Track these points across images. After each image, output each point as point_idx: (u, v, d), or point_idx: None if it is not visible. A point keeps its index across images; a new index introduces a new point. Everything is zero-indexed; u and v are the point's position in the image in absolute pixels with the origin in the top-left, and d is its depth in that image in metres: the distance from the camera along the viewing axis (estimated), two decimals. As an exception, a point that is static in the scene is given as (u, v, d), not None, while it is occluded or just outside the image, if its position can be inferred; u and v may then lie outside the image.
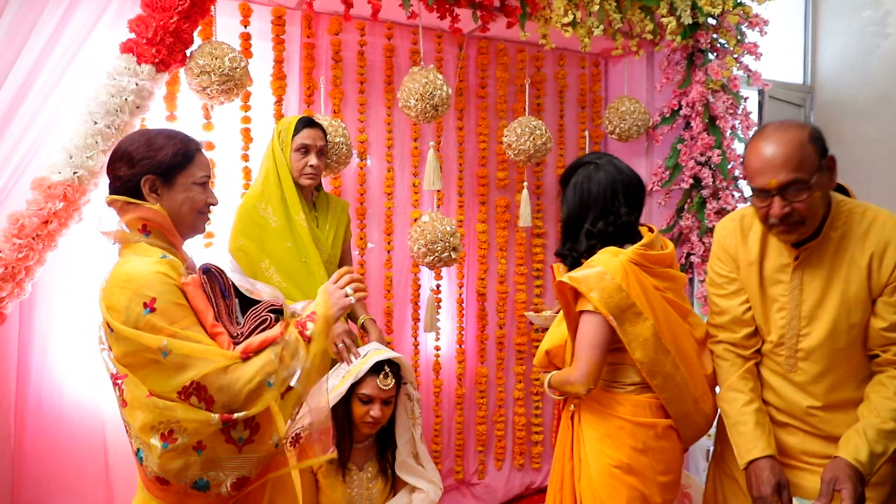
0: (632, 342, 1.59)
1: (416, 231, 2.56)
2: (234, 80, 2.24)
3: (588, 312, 1.61)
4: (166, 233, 1.35)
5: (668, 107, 3.01)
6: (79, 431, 2.31)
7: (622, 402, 1.66)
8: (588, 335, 1.60)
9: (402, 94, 2.49)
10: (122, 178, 1.34)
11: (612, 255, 1.62)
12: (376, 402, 1.93)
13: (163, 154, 1.34)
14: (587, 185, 1.68)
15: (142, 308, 1.22)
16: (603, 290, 1.57)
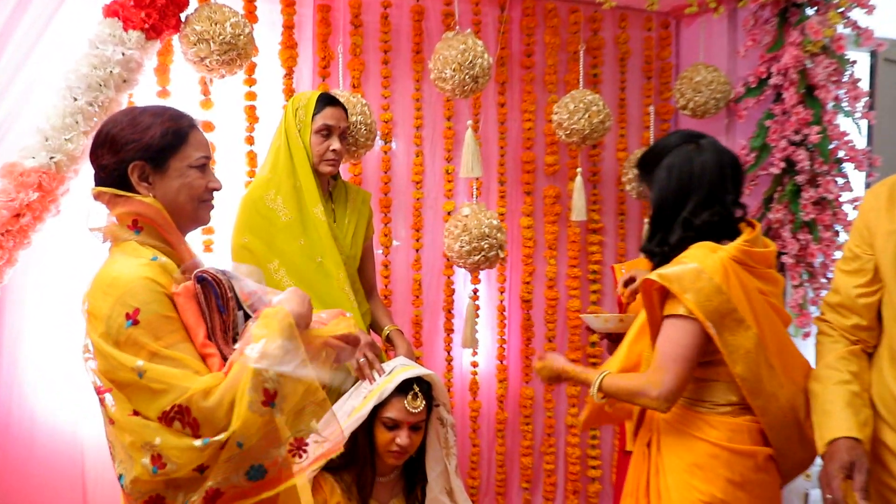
0: (732, 354, 1.58)
1: (455, 226, 2.54)
2: (236, 49, 2.24)
3: (678, 317, 1.60)
4: (160, 229, 1.34)
5: (753, 75, 2.96)
6: (54, 461, 2.32)
7: (715, 425, 1.65)
8: (677, 344, 1.59)
9: (436, 64, 2.49)
10: (107, 166, 1.33)
11: (709, 251, 1.60)
12: (403, 427, 1.92)
13: (150, 135, 1.33)
14: (688, 167, 1.67)
15: (124, 319, 1.22)
16: (699, 291, 1.56)
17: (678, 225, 1.66)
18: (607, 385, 1.68)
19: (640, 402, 1.64)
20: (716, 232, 1.65)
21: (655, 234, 1.70)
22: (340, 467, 1.94)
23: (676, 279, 1.57)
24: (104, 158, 1.33)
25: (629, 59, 3.13)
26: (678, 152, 1.69)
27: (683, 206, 1.66)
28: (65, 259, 2.33)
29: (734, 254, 1.60)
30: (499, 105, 2.96)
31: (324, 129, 2.16)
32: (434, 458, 2.03)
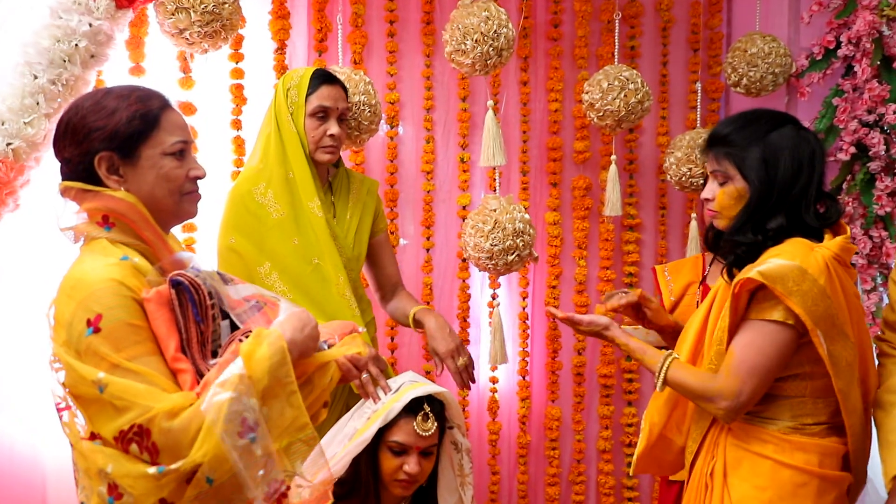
0: (836, 366, 1.61)
1: (484, 221, 2.49)
2: (220, 19, 2.24)
3: (771, 323, 1.62)
4: (133, 225, 1.35)
5: (819, 45, 2.94)
6: (13, 487, 2.32)
7: (806, 447, 1.66)
8: (762, 354, 1.61)
9: (454, 35, 2.47)
10: (71, 159, 1.35)
11: (807, 249, 1.62)
12: (412, 452, 1.91)
13: (115, 121, 1.33)
14: (805, 150, 1.69)
15: (84, 326, 1.24)
16: (806, 294, 1.57)
17: (782, 214, 1.66)
18: (672, 376, 1.70)
19: (703, 405, 1.67)
20: (816, 228, 1.68)
21: (747, 223, 1.68)
22: (341, 497, 1.94)
23: (780, 278, 1.57)
24: (67, 150, 1.34)
25: (672, 28, 3.11)
26: (786, 132, 1.69)
27: (791, 193, 1.67)
28: (25, 259, 2.34)
29: (837, 252, 1.62)
30: (521, 83, 2.96)
31: (319, 111, 2.15)
32: (447, 487, 2.03)
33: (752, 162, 1.67)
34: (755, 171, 1.67)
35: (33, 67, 2.03)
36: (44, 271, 2.32)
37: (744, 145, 1.69)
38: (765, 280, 1.57)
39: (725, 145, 1.72)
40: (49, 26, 2.05)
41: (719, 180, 1.73)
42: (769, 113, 1.77)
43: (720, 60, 3.12)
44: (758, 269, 1.59)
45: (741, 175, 1.69)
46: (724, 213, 1.73)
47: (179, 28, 2.21)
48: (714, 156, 1.74)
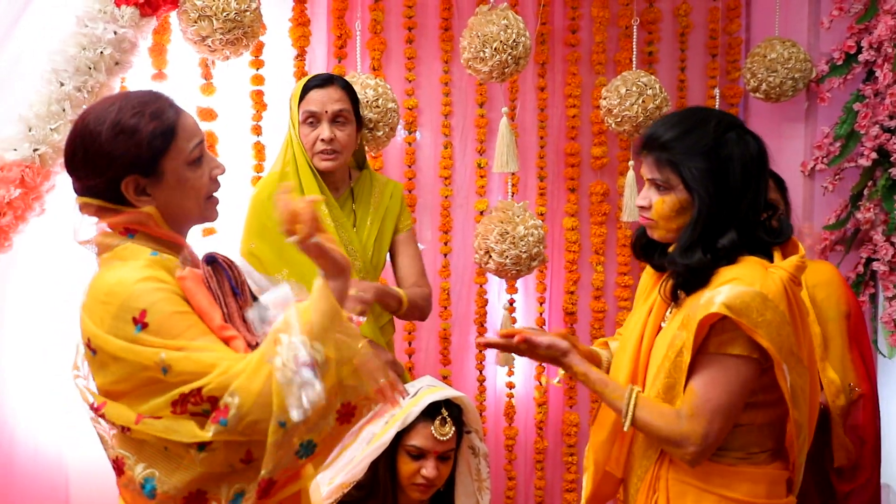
0: (796, 397, 1.53)
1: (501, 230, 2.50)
2: (242, 26, 2.26)
3: (733, 357, 1.50)
4: (153, 233, 1.36)
5: (840, 50, 2.94)
6: (36, 486, 2.34)
7: (753, 477, 1.57)
8: (727, 391, 1.50)
9: (472, 43, 2.49)
10: (95, 187, 1.32)
11: (763, 270, 1.51)
12: (430, 457, 1.91)
13: (136, 143, 1.29)
14: (749, 154, 1.56)
15: (132, 326, 1.24)
16: (770, 324, 1.46)
17: (733, 230, 1.53)
18: (640, 415, 1.54)
19: (669, 449, 1.55)
20: (766, 244, 1.57)
21: (696, 242, 1.53)
22: (359, 501, 1.93)
23: (745, 310, 1.44)
24: (89, 179, 1.31)
25: (690, 33, 3.10)
26: (733, 138, 1.56)
27: (741, 207, 1.54)
28: (51, 264, 2.35)
29: (793, 273, 1.51)
30: (538, 89, 2.95)
31: (308, 118, 2.16)
32: (465, 492, 2.02)
33: (698, 173, 1.52)
34: (702, 183, 1.52)
35: (60, 75, 2.06)
36: (69, 275, 2.35)
37: (688, 153, 1.54)
38: (731, 314, 1.45)
39: (666, 151, 1.56)
40: (75, 34, 2.08)
41: (658, 189, 1.58)
42: (712, 115, 1.63)
43: (739, 66, 3.10)
44: (722, 302, 1.45)
45: (684, 186, 1.54)
46: (663, 223, 1.58)
47: (202, 35, 2.23)
48: (654, 162, 1.57)
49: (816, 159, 2.99)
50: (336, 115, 2.17)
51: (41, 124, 2.04)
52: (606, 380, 1.62)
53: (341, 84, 2.21)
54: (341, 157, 2.19)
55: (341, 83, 2.21)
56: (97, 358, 1.27)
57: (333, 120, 2.16)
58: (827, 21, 2.92)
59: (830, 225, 2.97)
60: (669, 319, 1.63)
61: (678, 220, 1.56)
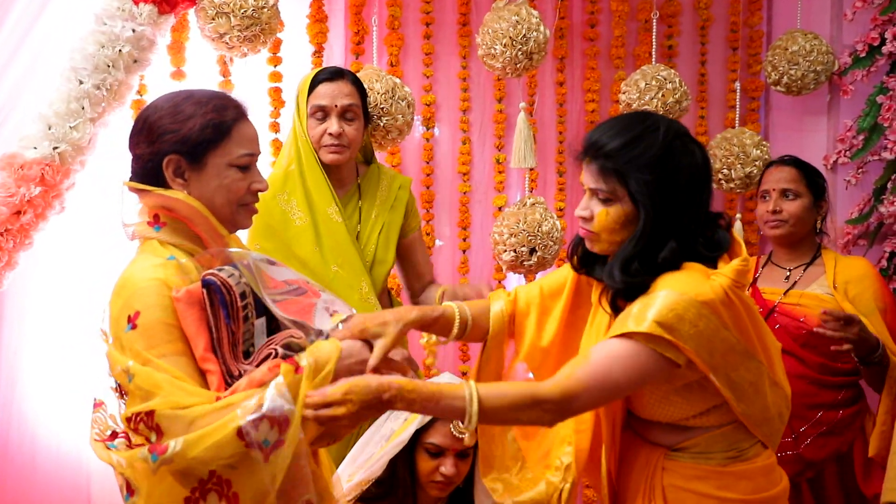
0: (736, 391, 1.52)
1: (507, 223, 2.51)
2: (259, 23, 2.26)
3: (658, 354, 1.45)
4: (189, 224, 1.37)
5: (863, 42, 2.92)
6: (57, 487, 2.34)
7: (749, 474, 1.56)
8: (627, 374, 1.45)
9: (484, 39, 2.50)
10: (142, 156, 1.38)
11: (703, 277, 1.46)
12: (449, 454, 1.90)
13: (189, 127, 1.36)
14: (694, 162, 1.50)
15: (126, 322, 1.28)
16: (701, 334, 1.43)
17: (673, 240, 1.47)
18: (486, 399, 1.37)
19: (523, 415, 1.42)
20: (702, 254, 1.51)
21: (635, 256, 1.47)
22: (378, 498, 1.93)
23: (677, 325, 1.39)
24: (140, 147, 1.38)
25: (711, 26, 3.08)
26: (678, 147, 1.49)
27: (684, 216, 1.48)
28: (71, 261, 2.36)
29: (734, 279, 1.46)
30: (557, 84, 2.94)
31: (317, 112, 2.13)
32: (483, 489, 1.95)
33: (644, 186, 1.45)
34: (649, 195, 1.46)
35: (79, 73, 2.06)
36: (89, 273, 2.36)
37: (635, 164, 1.46)
38: (663, 333, 1.39)
39: (611, 160, 1.48)
40: (94, 32, 2.08)
41: (600, 197, 1.50)
42: (658, 122, 1.53)
43: (760, 59, 3.08)
44: (653, 320, 1.39)
45: (629, 197, 1.47)
46: (605, 236, 1.51)
47: (220, 32, 2.23)
48: (598, 171, 1.49)
49: (839, 153, 2.98)
50: (345, 109, 2.14)
51: (61, 122, 2.05)
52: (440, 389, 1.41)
53: (351, 78, 2.18)
54: (348, 151, 2.16)
55: (351, 77, 2.19)
56: None
57: (342, 115, 2.13)
58: (850, 12, 2.90)
59: (853, 219, 2.94)
60: (594, 318, 1.61)
61: (622, 233, 1.50)
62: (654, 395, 1.52)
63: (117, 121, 2.21)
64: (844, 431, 2.21)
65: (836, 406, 2.20)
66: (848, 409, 2.23)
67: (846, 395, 2.23)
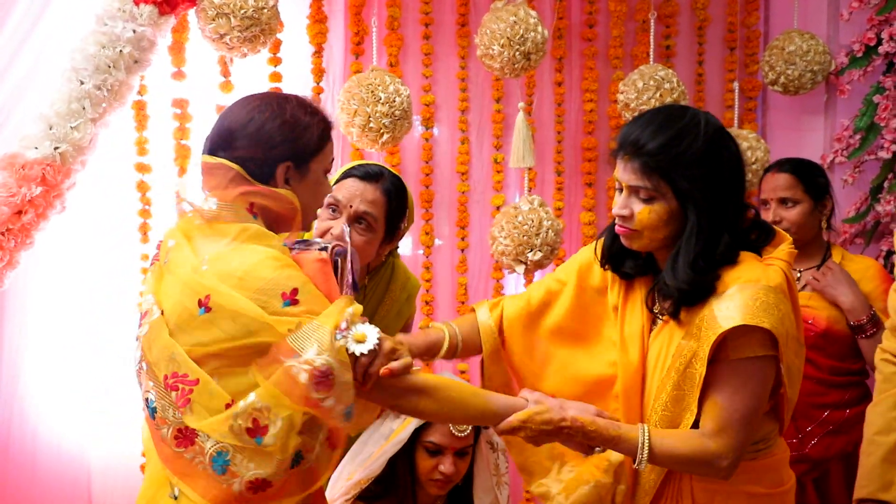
0: (790, 376, 1.52)
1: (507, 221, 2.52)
2: (259, 24, 2.26)
3: (754, 360, 1.45)
4: (279, 222, 1.41)
5: (859, 42, 2.92)
6: (58, 485, 2.35)
7: (774, 466, 1.58)
8: (754, 396, 1.46)
9: (483, 39, 2.50)
10: (251, 160, 1.36)
11: (760, 264, 1.49)
12: (448, 453, 1.89)
13: (308, 136, 1.40)
14: (733, 155, 1.51)
15: (279, 301, 1.28)
16: (784, 317, 1.44)
17: (726, 233, 1.47)
18: (659, 449, 1.43)
19: (700, 471, 1.49)
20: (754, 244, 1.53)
21: (699, 255, 1.45)
22: (378, 496, 1.93)
23: (766, 311, 1.40)
24: (247, 150, 1.35)
25: (708, 27, 3.08)
26: (716, 138, 1.49)
27: (730, 208, 1.49)
28: (72, 261, 2.37)
29: (789, 261, 1.49)
30: (555, 84, 2.93)
31: (331, 206, 1.86)
32: (483, 487, 2.01)
33: (693, 183, 1.45)
34: (698, 192, 1.45)
35: (80, 73, 2.06)
36: (91, 272, 2.37)
37: (680, 161, 1.45)
38: (754, 322, 1.39)
39: (654, 158, 1.46)
40: (95, 33, 2.08)
41: (642, 196, 1.48)
42: (695, 117, 1.51)
43: (757, 59, 3.09)
44: (742, 314, 1.40)
45: (674, 194, 1.46)
46: (647, 233, 1.49)
47: (220, 33, 2.23)
48: (641, 169, 1.47)
49: (836, 152, 2.97)
50: (360, 215, 1.84)
51: (62, 122, 2.05)
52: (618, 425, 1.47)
53: (385, 186, 1.88)
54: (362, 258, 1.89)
55: (386, 185, 1.88)
56: (207, 316, 1.27)
57: (355, 219, 1.85)
58: (846, 13, 2.90)
59: (850, 218, 2.94)
60: (660, 327, 1.57)
61: (666, 230, 1.49)
62: None
63: (118, 121, 2.21)
64: (850, 431, 2.21)
65: (843, 406, 2.21)
66: (854, 408, 2.23)
67: (853, 395, 2.24)
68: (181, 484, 1.32)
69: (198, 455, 1.29)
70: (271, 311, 1.26)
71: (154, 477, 1.39)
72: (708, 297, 1.45)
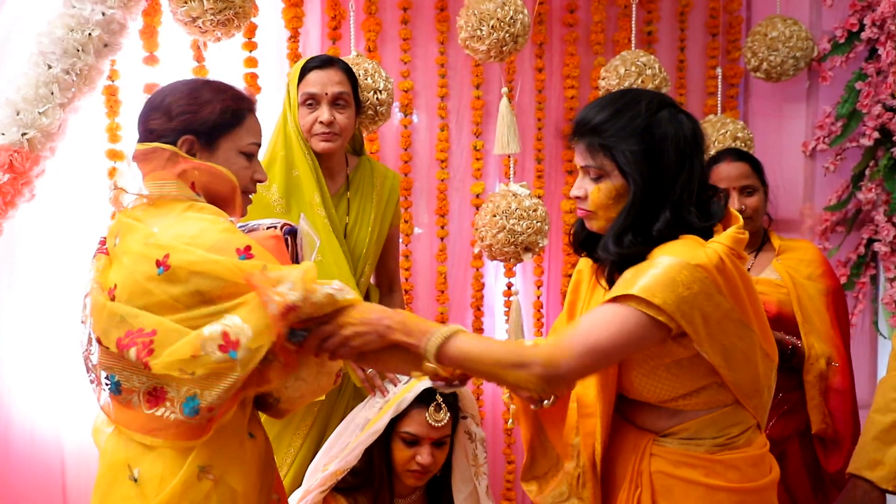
0: (729, 359, 1.52)
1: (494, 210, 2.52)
2: (233, 7, 2.24)
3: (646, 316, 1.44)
4: (217, 197, 1.46)
5: (842, 28, 2.93)
6: (32, 469, 2.35)
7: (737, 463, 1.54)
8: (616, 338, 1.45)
9: (469, 21, 2.49)
10: (155, 132, 1.44)
11: (698, 245, 1.46)
12: (425, 443, 1.92)
13: (208, 110, 1.44)
14: (683, 133, 1.49)
15: (235, 256, 1.34)
16: (697, 296, 1.43)
17: (668, 212, 1.46)
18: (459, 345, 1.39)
19: (508, 374, 1.40)
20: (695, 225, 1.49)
21: (628, 228, 1.46)
22: (354, 488, 1.95)
23: (670, 287, 1.38)
24: (155, 122, 1.44)
25: (690, 12, 3.09)
26: (665, 117, 1.49)
27: (674, 189, 1.47)
28: (41, 249, 2.36)
29: (731, 246, 1.46)
30: (536, 70, 2.93)
31: (308, 99, 2.13)
32: (462, 478, 2.03)
33: (631, 156, 1.46)
34: (636, 166, 1.46)
35: (47, 57, 2.03)
36: (66, 257, 2.35)
37: (621, 136, 1.47)
38: (652, 296, 1.38)
39: (598, 135, 1.48)
40: (62, 15, 2.05)
41: (592, 175, 1.50)
42: (643, 95, 1.54)
43: (739, 45, 3.09)
44: (644, 284, 1.39)
45: (619, 171, 1.47)
46: (601, 213, 1.51)
47: (192, 16, 2.20)
48: (586, 148, 1.50)
49: (818, 139, 2.99)
50: (336, 97, 2.14)
51: (29, 108, 2.02)
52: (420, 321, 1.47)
53: (342, 66, 2.19)
54: (340, 139, 2.16)
55: (342, 65, 2.20)
56: (165, 275, 1.31)
57: (333, 102, 2.13)
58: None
59: (832, 206, 2.97)
60: (591, 298, 1.63)
61: (616, 208, 1.49)
62: (643, 368, 1.51)
63: (89, 107, 2.19)
64: (803, 410, 2.23)
65: (796, 388, 2.22)
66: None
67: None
68: (143, 463, 1.36)
69: (169, 408, 1.34)
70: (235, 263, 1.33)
71: (111, 463, 1.41)
72: None
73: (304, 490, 1.93)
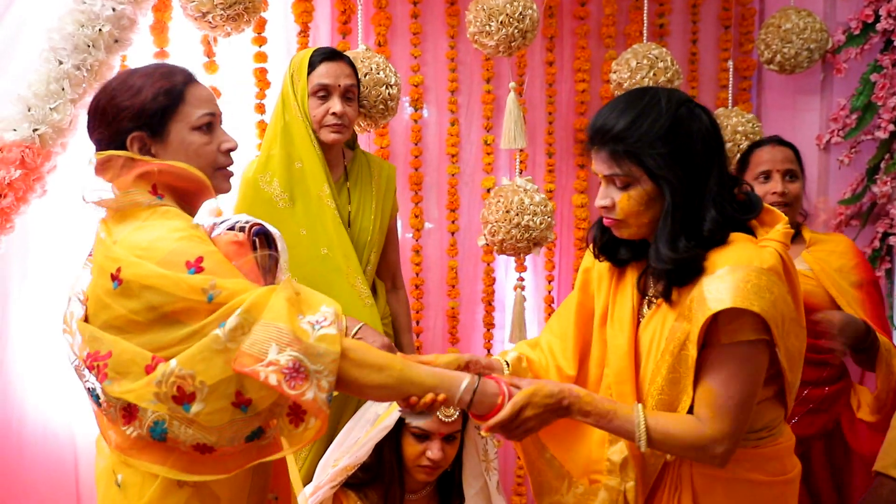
0: (790, 360, 1.50)
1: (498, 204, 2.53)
2: (243, 2, 2.26)
3: (747, 344, 1.42)
4: (183, 194, 1.38)
5: (857, 19, 2.93)
6: (46, 463, 2.36)
7: (777, 454, 1.56)
8: (748, 381, 1.44)
9: (478, 16, 2.50)
10: (102, 140, 1.37)
11: (755, 246, 1.46)
12: (435, 438, 1.90)
13: (141, 99, 1.35)
14: (703, 127, 1.48)
15: (183, 270, 1.26)
16: (777, 300, 1.41)
17: (710, 207, 1.45)
18: (654, 430, 1.43)
19: (694, 456, 1.48)
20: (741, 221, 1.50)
21: (679, 233, 1.44)
22: (365, 483, 1.95)
23: (756, 294, 1.36)
24: (98, 132, 1.37)
25: (702, 4, 3.08)
26: (684, 114, 1.47)
27: (709, 181, 1.46)
28: (53, 245, 2.37)
29: (784, 242, 1.46)
30: (546, 64, 2.93)
31: (320, 90, 2.14)
32: (472, 473, 2.02)
33: (661, 160, 1.43)
34: (669, 169, 1.44)
35: (58, 53, 2.04)
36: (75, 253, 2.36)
37: (646, 141, 1.44)
38: (744, 305, 1.36)
39: (621, 142, 1.46)
40: (73, 11, 2.06)
41: (618, 184, 1.48)
42: (658, 94, 1.50)
43: (752, 37, 3.08)
44: (731, 296, 1.37)
45: (648, 176, 1.45)
46: (632, 220, 1.49)
47: (202, 11, 2.22)
48: (610, 156, 1.47)
49: (832, 132, 2.98)
50: (347, 89, 2.16)
51: (40, 104, 2.03)
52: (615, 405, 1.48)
53: (347, 60, 2.21)
54: (348, 131, 2.18)
55: (347, 59, 2.22)
56: (120, 289, 1.25)
57: (344, 94, 2.15)
58: (844, -11, 2.91)
59: (846, 199, 2.95)
60: (654, 310, 1.55)
61: (648, 214, 1.48)
62: None
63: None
64: (830, 408, 2.22)
65: (821, 383, 2.21)
66: (833, 385, 2.23)
67: (831, 373, 2.24)
68: (125, 469, 1.33)
69: (138, 428, 1.28)
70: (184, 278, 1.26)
71: (103, 467, 1.41)
72: (697, 276, 1.44)
73: (314, 485, 1.93)
